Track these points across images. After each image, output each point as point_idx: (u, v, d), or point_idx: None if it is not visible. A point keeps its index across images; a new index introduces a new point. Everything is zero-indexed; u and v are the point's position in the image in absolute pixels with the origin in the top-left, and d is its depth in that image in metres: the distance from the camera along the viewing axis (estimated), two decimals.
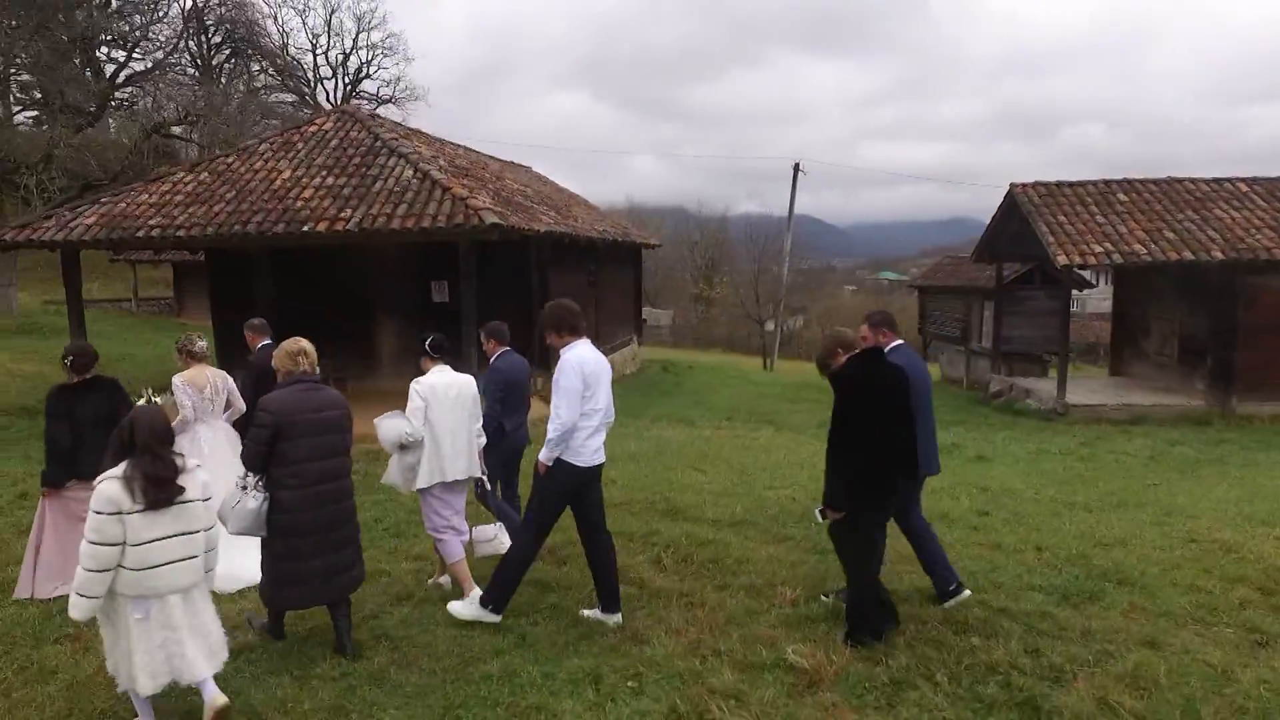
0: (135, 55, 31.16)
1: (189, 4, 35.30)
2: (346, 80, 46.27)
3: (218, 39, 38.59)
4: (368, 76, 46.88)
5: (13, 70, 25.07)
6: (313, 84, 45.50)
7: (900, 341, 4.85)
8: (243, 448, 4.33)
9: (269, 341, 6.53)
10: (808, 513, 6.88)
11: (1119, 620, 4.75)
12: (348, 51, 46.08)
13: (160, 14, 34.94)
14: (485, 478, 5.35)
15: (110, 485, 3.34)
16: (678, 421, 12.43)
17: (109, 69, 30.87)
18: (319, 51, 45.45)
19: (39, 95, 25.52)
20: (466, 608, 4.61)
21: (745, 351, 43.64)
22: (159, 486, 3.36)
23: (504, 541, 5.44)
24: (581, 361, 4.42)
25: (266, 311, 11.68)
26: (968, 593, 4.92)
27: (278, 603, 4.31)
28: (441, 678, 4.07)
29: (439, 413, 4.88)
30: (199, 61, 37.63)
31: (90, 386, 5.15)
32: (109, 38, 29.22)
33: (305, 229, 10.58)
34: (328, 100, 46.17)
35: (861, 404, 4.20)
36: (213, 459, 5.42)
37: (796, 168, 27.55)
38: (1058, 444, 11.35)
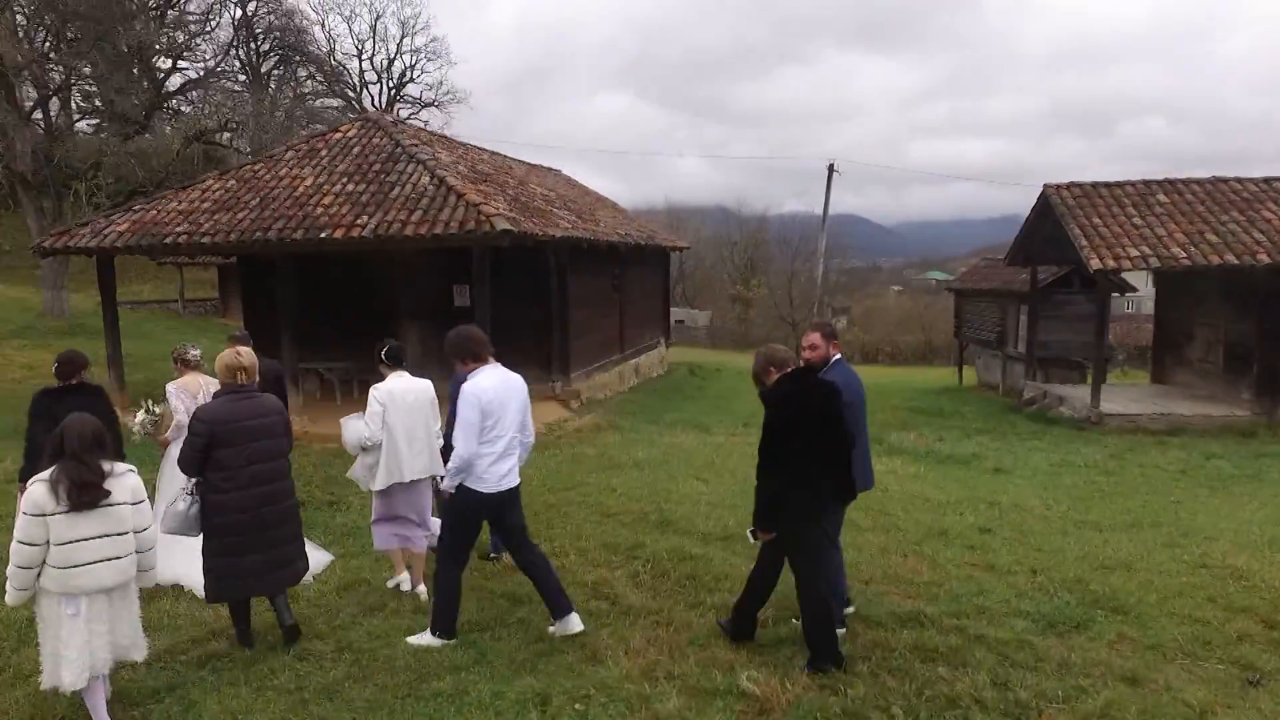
0: (186, 64, 32.34)
1: (238, 14, 36.56)
2: (391, 85, 47.17)
3: (265, 46, 39.67)
4: (411, 80, 47.71)
5: (74, 80, 26.22)
6: (358, 89, 46.46)
7: (839, 356, 4.78)
8: (178, 455, 4.53)
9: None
10: None
11: (1103, 652, 4.54)
12: (392, 56, 46.99)
13: (211, 24, 36.27)
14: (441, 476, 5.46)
15: (37, 488, 3.55)
16: (693, 427, 12.34)
17: (163, 77, 32.10)
18: (364, 57, 46.42)
19: (97, 104, 26.64)
20: (421, 639, 4.63)
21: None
22: (82, 490, 3.54)
23: None
24: (479, 392, 4.41)
25: (288, 314, 12.02)
26: (850, 609, 4.84)
27: (215, 595, 4.54)
28: (394, 693, 4.09)
29: (397, 416, 5.21)
30: (248, 69, 38.76)
31: (73, 391, 5.35)
32: (162, 48, 30.26)
33: (323, 235, 10.78)
34: (373, 104, 47.13)
35: (790, 423, 4.18)
36: None
37: (831, 168, 27.10)
38: (1084, 456, 10.94)
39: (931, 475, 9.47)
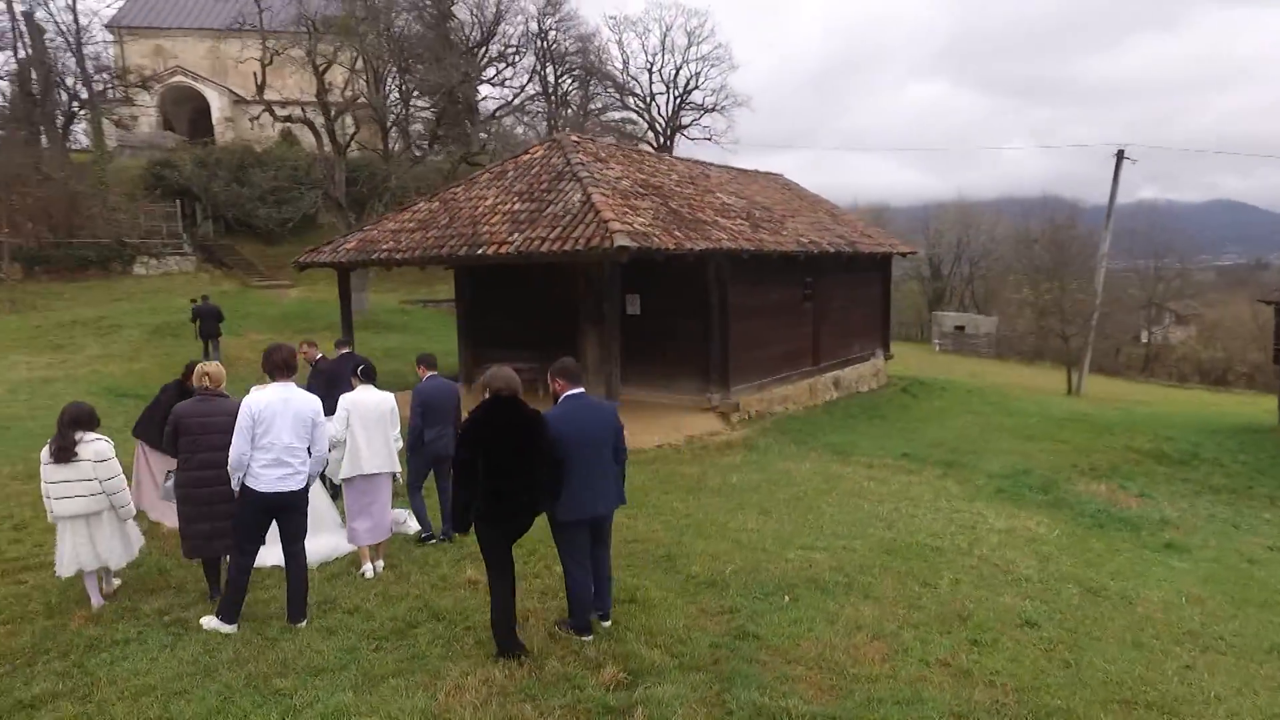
0: (495, 90, 37.19)
1: (539, 44, 40.98)
2: (676, 94, 49.36)
3: (564, 68, 43.87)
4: (696, 88, 49.48)
5: (411, 113, 31.78)
6: (648, 101, 49.36)
7: (575, 391, 5.17)
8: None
9: (320, 355, 8.93)
10: (812, 579, 6.19)
11: None
12: (678, 66, 49.06)
13: (521, 54, 41.16)
14: (397, 474, 6.58)
15: (43, 450, 5.43)
16: (835, 454, 11.46)
17: (478, 101, 37.40)
18: (654, 69, 49.08)
19: (420, 130, 31.95)
20: (209, 621, 5.28)
21: (1092, 369, 37.44)
22: (58, 451, 5.41)
23: (412, 525, 7.14)
24: (251, 403, 5.10)
25: (463, 319, 13.49)
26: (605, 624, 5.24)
27: (186, 552, 5.71)
28: (249, 681, 4.61)
29: (360, 422, 6.28)
30: (550, 93, 43.24)
31: (181, 387, 6.97)
32: (475, 77, 35.18)
33: (479, 252, 11.93)
34: (659, 114, 49.91)
35: (475, 442, 4.76)
36: None
37: (1120, 156, 22.62)
38: None
39: (1058, 540, 7.80)
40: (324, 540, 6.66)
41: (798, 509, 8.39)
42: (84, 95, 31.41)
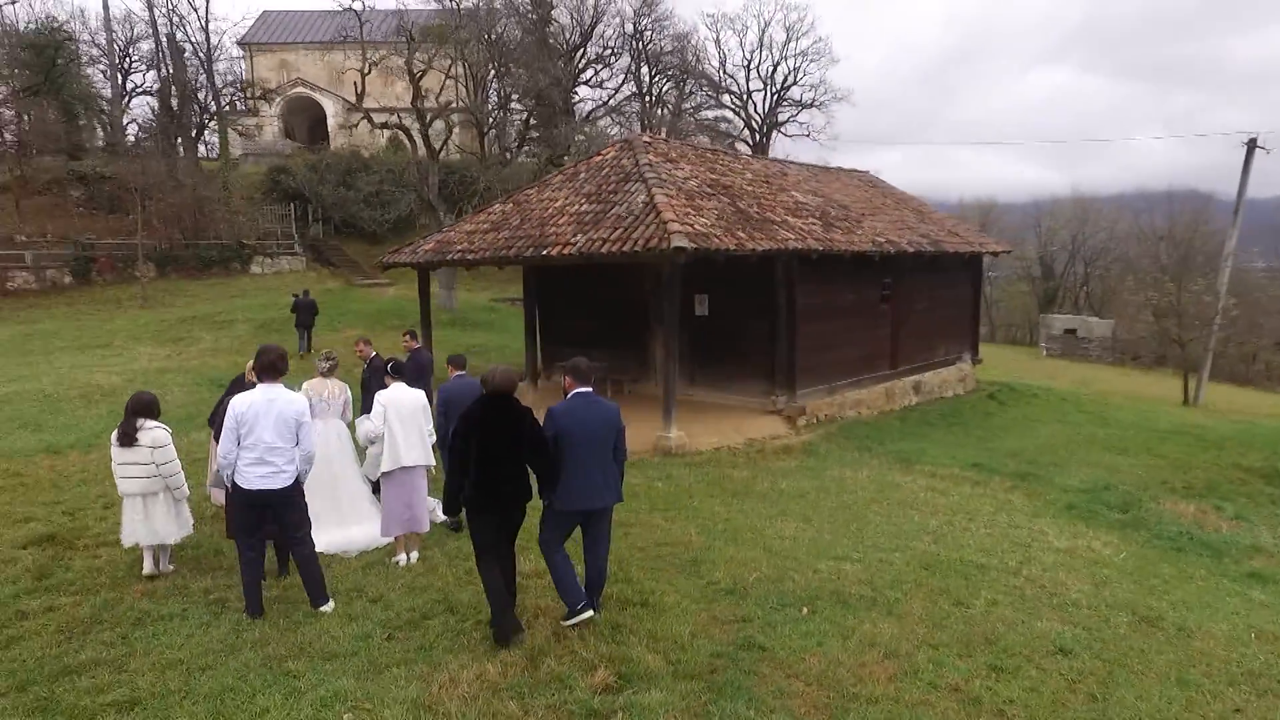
0: (591, 92, 37.77)
1: (636, 45, 41.28)
2: (774, 91, 48.66)
3: (659, 68, 44.00)
4: (794, 84, 48.63)
5: (508, 113, 32.74)
6: (745, 98, 48.89)
7: (583, 390, 5.37)
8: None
9: (418, 345, 9.71)
10: (836, 591, 6.04)
11: None
12: (776, 62, 48.34)
13: (617, 56, 41.62)
14: (432, 466, 6.93)
15: (113, 432, 6.13)
16: (898, 461, 11.05)
17: (575, 103, 38.08)
18: (751, 66, 48.56)
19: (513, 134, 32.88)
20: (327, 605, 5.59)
21: (1220, 377, 34.50)
22: (122, 436, 6.06)
23: (439, 515, 7.23)
24: (236, 404, 5.43)
25: (529, 317, 13.85)
26: (589, 613, 5.31)
27: (227, 530, 6.46)
28: (263, 664, 4.91)
29: (395, 417, 6.55)
30: (644, 94, 43.49)
31: (243, 384, 7.42)
32: (567, 80, 35.86)
33: (544, 253, 12.17)
34: (756, 112, 49.36)
35: (468, 435, 5.07)
36: (321, 441, 7.29)
37: (1252, 145, 20.55)
38: None
39: (1122, 563, 7.24)
40: (363, 529, 7.02)
41: (841, 518, 8.15)
42: (213, 109, 33.95)
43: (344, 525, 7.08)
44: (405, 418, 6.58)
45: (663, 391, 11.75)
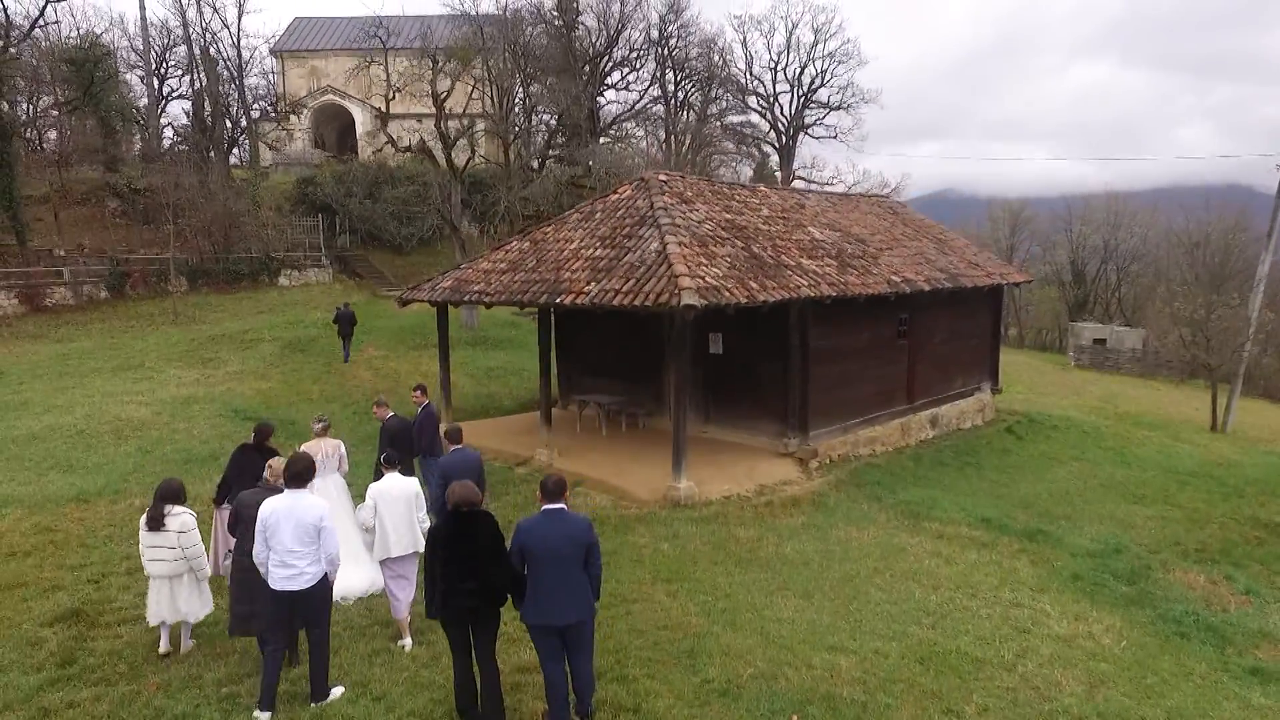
0: (615, 98, 37.80)
1: (662, 51, 41.15)
2: (800, 93, 48.22)
3: (683, 73, 43.81)
4: (822, 85, 48.15)
5: (535, 127, 32.99)
6: (771, 101, 48.52)
7: (551, 507, 5.51)
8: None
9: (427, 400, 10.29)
10: (828, 695, 6.12)
11: None
12: (804, 64, 47.88)
13: (642, 62, 41.55)
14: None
15: (142, 516, 6.51)
16: (907, 516, 11.05)
17: (602, 108, 38.14)
18: (778, 68, 48.15)
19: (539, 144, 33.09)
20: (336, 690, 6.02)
21: (1255, 392, 33.74)
22: (150, 520, 6.49)
23: None
24: (263, 510, 5.79)
25: (543, 358, 14.01)
26: None
27: (228, 628, 6.67)
28: None
29: (385, 508, 6.82)
30: (669, 99, 43.37)
31: (249, 449, 7.90)
32: (604, 85, 35.97)
33: (557, 300, 12.33)
34: (782, 114, 48.95)
35: (432, 548, 5.51)
36: (320, 493, 7.61)
37: None
38: None
39: (1121, 655, 7.22)
40: (363, 573, 7.47)
41: (843, 594, 8.22)
42: (244, 122, 34.56)
43: (341, 570, 7.41)
44: (395, 510, 6.80)
45: (673, 440, 11.85)
